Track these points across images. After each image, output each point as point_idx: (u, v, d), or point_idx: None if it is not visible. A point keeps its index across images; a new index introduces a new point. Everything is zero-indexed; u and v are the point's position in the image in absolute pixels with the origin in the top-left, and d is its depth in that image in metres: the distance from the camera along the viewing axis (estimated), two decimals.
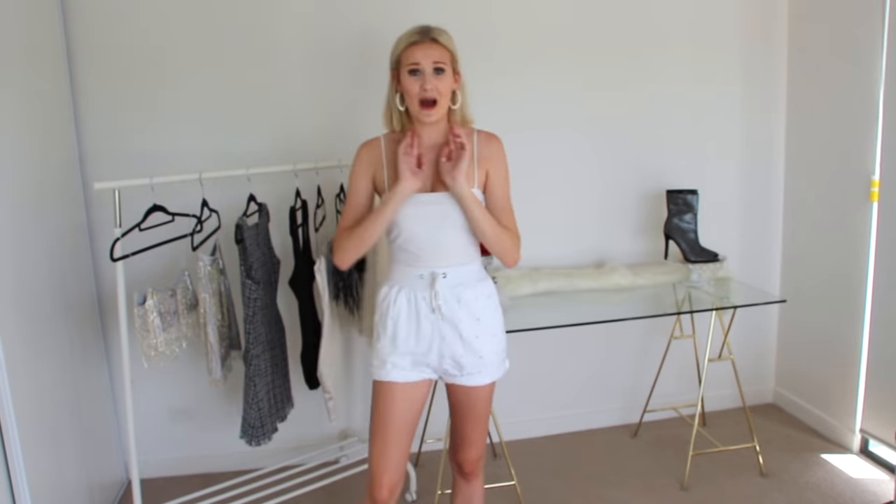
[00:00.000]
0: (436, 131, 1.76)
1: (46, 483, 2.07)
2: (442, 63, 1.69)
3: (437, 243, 1.73)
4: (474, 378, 1.79)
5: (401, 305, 1.76)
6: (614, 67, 2.88)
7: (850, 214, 2.75)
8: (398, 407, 1.77)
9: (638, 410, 3.07)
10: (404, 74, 1.70)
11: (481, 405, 1.83)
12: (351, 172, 1.83)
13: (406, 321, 1.76)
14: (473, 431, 1.86)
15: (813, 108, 2.93)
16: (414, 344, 1.76)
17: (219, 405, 2.76)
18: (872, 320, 2.68)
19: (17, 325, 1.97)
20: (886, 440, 2.65)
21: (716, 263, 2.81)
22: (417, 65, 1.68)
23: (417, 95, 1.69)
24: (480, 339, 1.77)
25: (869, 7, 2.58)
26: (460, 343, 1.75)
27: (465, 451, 1.89)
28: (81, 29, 2.47)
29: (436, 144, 1.76)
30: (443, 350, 1.76)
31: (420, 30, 1.71)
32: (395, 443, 1.77)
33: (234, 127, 2.63)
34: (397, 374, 1.76)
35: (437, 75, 1.69)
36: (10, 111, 2.03)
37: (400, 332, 1.76)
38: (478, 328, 1.76)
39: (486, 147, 1.78)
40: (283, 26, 2.61)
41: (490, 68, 2.75)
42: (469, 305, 1.75)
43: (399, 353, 1.76)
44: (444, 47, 1.71)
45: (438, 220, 1.73)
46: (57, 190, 2.37)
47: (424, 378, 1.80)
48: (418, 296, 1.75)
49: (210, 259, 2.15)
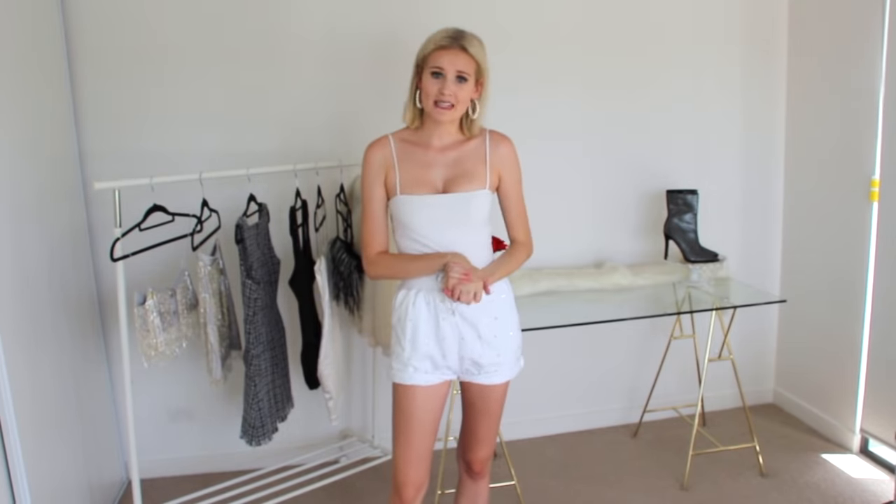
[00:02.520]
0: (448, 132, 1.77)
1: (46, 483, 2.07)
2: (466, 73, 1.69)
3: (451, 245, 1.73)
4: (491, 377, 1.80)
5: (420, 308, 1.75)
6: (615, 67, 2.88)
7: (851, 214, 2.74)
8: (420, 409, 1.77)
9: (638, 410, 3.07)
10: (426, 74, 1.70)
11: (496, 404, 1.85)
12: (363, 177, 1.81)
13: (426, 324, 1.75)
14: (487, 430, 1.87)
15: (813, 108, 2.93)
16: (434, 346, 1.76)
17: (219, 405, 2.76)
18: (872, 320, 2.68)
19: (17, 324, 1.97)
20: (886, 440, 2.65)
21: (716, 263, 2.81)
22: (441, 69, 1.68)
23: (434, 97, 1.69)
24: (499, 338, 1.78)
25: (869, 6, 2.58)
26: (479, 342, 1.76)
27: (477, 450, 1.90)
28: (81, 29, 2.47)
29: (447, 145, 1.77)
30: (463, 352, 1.77)
31: (452, 34, 1.70)
32: (418, 444, 1.78)
33: (234, 127, 2.62)
34: (419, 378, 1.76)
35: (458, 83, 1.69)
36: (10, 111, 2.03)
37: (420, 336, 1.75)
38: (496, 327, 1.77)
39: (498, 149, 1.79)
40: (284, 26, 2.61)
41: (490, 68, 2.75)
42: (487, 305, 1.74)
43: (419, 357, 1.76)
44: (473, 57, 1.70)
45: (452, 221, 1.73)
46: (57, 190, 2.37)
47: (445, 379, 1.81)
48: (436, 298, 1.74)
49: (210, 259, 2.15)
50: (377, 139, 1.82)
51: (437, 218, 1.73)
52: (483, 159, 1.76)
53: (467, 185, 1.74)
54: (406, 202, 1.74)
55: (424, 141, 1.79)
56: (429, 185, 1.75)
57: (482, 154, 1.77)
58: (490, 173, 1.76)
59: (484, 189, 1.75)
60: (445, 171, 1.75)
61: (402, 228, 1.78)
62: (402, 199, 1.74)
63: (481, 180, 1.75)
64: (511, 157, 1.81)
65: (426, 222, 1.73)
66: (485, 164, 1.76)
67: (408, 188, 1.74)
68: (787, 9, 3.00)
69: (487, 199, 1.77)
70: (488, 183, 1.76)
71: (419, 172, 1.75)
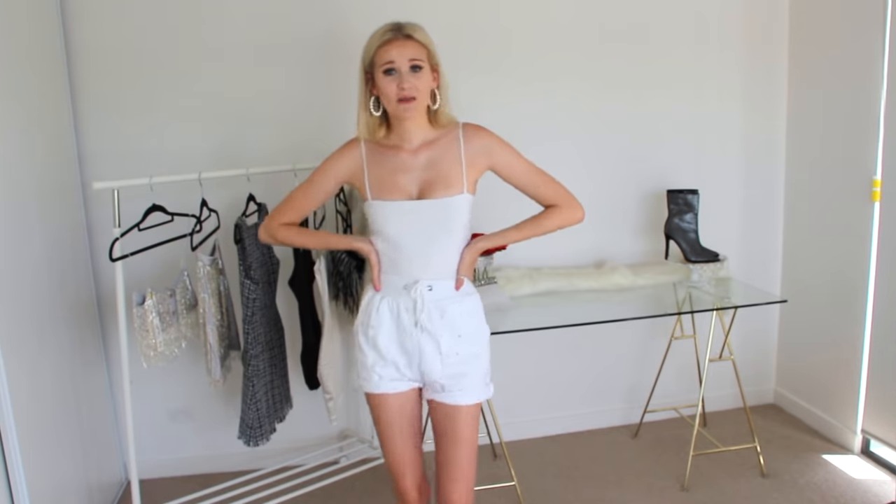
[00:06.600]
0: (419, 132, 1.68)
1: (45, 483, 2.07)
2: (419, 60, 1.60)
3: (423, 254, 1.66)
4: (454, 396, 1.69)
5: (383, 315, 1.69)
6: (615, 67, 2.88)
7: (852, 214, 2.74)
8: (394, 415, 1.72)
9: (638, 411, 3.07)
10: (379, 75, 1.60)
11: (464, 429, 1.69)
12: (323, 163, 1.74)
13: (388, 332, 1.69)
14: (457, 462, 1.70)
15: (814, 108, 2.92)
16: (397, 355, 1.69)
17: (218, 405, 2.76)
18: (874, 320, 2.67)
19: (16, 324, 1.97)
20: (888, 440, 2.64)
21: (716, 263, 2.81)
22: (392, 63, 1.58)
23: (395, 95, 1.59)
24: (460, 357, 1.69)
25: (870, 6, 2.57)
26: (439, 359, 1.67)
27: (450, 489, 1.71)
28: (81, 29, 2.47)
29: (419, 146, 1.68)
30: (423, 366, 1.69)
31: (392, 26, 1.62)
32: (402, 447, 1.74)
33: (233, 127, 2.62)
34: (385, 385, 1.71)
35: (414, 73, 1.59)
36: (9, 111, 2.03)
37: (381, 343, 1.69)
38: (458, 345, 1.68)
39: (473, 143, 1.68)
40: (284, 26, 2.61)
41: (490, 67, 2.75)
42: (453, 321, 1.67)
43: (383, 364, 1.70)
44: (420, 43, 1.60)
45: (425, 229, 1.65)
46: (56, 190, 2.37)
47: (413, 387, 1.74)
48: (401, 306, 1.67)
49: (209, 259, 2.15)
50: (349, 141, 1.74)
51: (412, 224, 1.64)
52: (458, 159, 1.66)
53: (444, 191, 1.64)
54: (378, 207, 1.66)
55: (395, 144, 1.69)
56: (402, 191, 1.65)
57: (457, 153, 1.66)
58: (467, 173, 1.66)
59: (462, 194, 1.65)
60: (420, 175, 1.66)
61: (375, 234, 1.70)
62: (374, 205, 1.66)
63: (458, 184, 1.65)
64: (490, 143, 1.69)
65: (400, 229, 1.65)
66: (461, 164, 1.66)
67: (379, 193, 1.66)
68: (787, 9, 2.99)
69: (466, 203, 1.67)
70: (466, 186, 1.65)
71: (390, 177, 1.66)
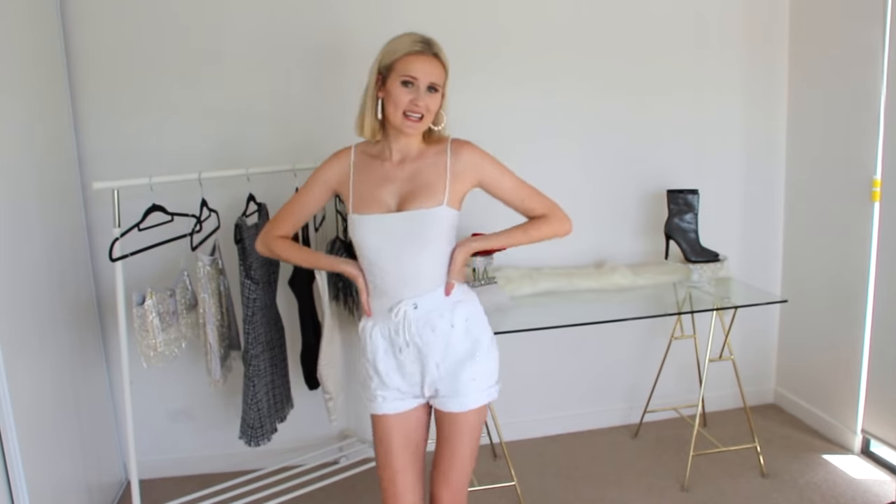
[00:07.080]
0: (409, 144, 1.67)
1: (45, 483, 2.07)
2: (438, 84, 1.61)
3: (400, 271, 1.63)
4: (450, 403, 1.68)
5: (377, 342, 1.69)
6: (615, 67, 2.88)
7: (852, 214, 2.74)
8: (397, 437, 1.70)
9: (638, 411, 3.07)
10: (395, 83, 1.59)
11: (461, 436, 1.69)
12: (314, 172, 1.75)
13: (384, 357, 1.68)
14: (450, 466, 1.70)
15: (814, 108, 2.92)
16: (398, 379, 1.69)
17: (218, 406, 2.75)
18: (874, 320, 2.67)
19: (16, 324, 1.97)
20: (888, 440, 2.64)
21: (716, 263, 2.81)
22: (415, 78, 1.58)
23: (405, 108, 1.59)
24: (457, 366, 1.67)
25: (870, 6, 2.57)
26: (436, 372, 1.67)
27: (440, 487, 1.71)
28: (81, 30, 2.47)
29: (406, 158, 1.67)
30: (425, 380, 1.68)
31: (422, 39, 1.61)
32: (402, 471, 1.70)
33: (233, 126, 2.62)
34: (388, 407, 1.70)
35: (429, 93, 1.60)
36: (9, 111, 2.02)
37: (380, 368, 1.68)
38: (453, 355, 1.67)
39: (461, 157, 1.66)
40: (283, 27, 2.61)
41: (489, 67, 2.75)
42: (445, 333, 1.66)
43: (386, 388, 1.69)
44: (443, 65, 1.62)
45: (398, 243, 1.62)
46: (56, 190, 2.37)
47: (418, 404, 1.73)
48: (391, 330, 1.66)
49: (209, 259, 2.15)
50: (341, 150, 1.74)
51: (383, 238, 1.62)
52: (443, 171, 1.63)
53: (423, 202, 1.61)
54: (359, 222, 1.64)
55: (383, 153, 1.69)
56: (381, 204, 1.63)
57: (442, 166, 1.64)
58: (451, 186, 1.63)
59: (441, 206, 1.61)
60: (402, 186, 1.64)
61: (356, 250, 1.69)
62: (355, 219, 1.65)
63: (439, 196, 1.61)
64: (476, 158, 1.67)
65: (374, 243, 1.63)
66: (445, 177, 1.63)
67: (360, 207, 1.64)
68: (788, 8, 2.99)
69: (445, 216, 1.63)
70: (447, 198, 1.62)
71: (372, 190, 1.65)
